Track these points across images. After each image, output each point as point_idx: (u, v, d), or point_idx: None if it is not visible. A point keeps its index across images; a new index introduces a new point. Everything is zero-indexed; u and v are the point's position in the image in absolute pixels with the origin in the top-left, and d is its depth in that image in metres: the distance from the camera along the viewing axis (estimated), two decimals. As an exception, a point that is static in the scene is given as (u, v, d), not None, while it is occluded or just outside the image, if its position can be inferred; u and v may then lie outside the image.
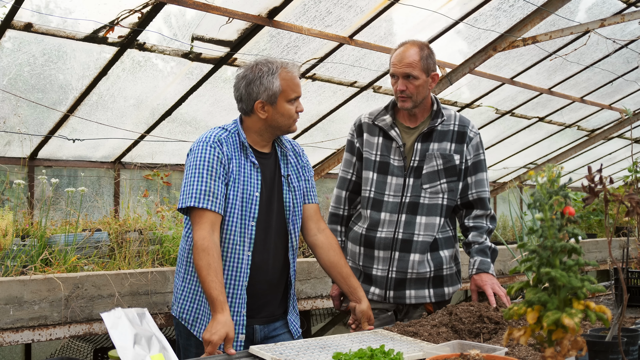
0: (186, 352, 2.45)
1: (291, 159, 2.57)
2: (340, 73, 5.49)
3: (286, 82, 2.38)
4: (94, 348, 4.24)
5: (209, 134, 2.40)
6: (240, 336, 2.36)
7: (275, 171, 2.50)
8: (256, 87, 2.37)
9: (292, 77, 2.40)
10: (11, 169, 4.91)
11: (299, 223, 2.56)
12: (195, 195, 2.28)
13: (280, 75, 2.38)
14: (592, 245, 6.79)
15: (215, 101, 5.29)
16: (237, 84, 2.44)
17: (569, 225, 1.27)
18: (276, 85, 2.36)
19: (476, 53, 5.60)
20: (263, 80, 2.36)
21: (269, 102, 2.38)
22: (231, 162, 2.37)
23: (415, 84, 2.64)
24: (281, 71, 2.38)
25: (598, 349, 1.63)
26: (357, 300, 2.53)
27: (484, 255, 2.67)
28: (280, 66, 2.39)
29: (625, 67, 7.12)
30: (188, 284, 2.44)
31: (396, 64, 2.66)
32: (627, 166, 7.66)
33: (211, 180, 2.31)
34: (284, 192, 2.49)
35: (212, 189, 2.30)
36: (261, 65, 2.39)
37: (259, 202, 2.40)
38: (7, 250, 3.24)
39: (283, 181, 2.50)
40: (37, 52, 4.14)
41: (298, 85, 2.42)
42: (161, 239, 3.94)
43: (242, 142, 2.42)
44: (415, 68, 2.63)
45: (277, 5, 4.29)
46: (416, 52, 2.64)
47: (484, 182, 2.77)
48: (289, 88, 2.38)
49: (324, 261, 2.59)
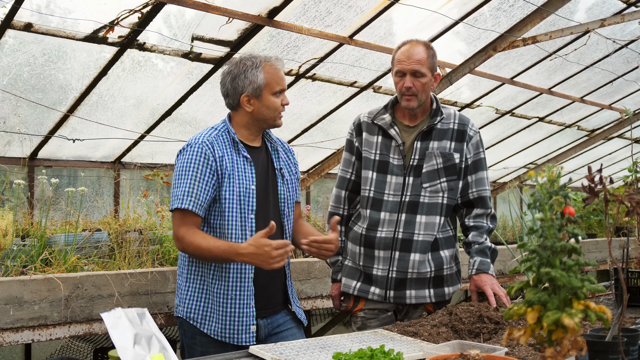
0: (191, 352, 2.46)
1: (282, 154, 2.64)
2: (340, 73, 5.49)
3: (270, 75, 2.44)
4: (94, 348, 4.23)
5: (198, 136, 2.46)
6: (252, 327, 2.40)
7: (268, 164, 2.56)
8: (241, 81, 2.44)
9: (276, 70, 2.46)
10: (11, 169, 4.91)
11: (292, 216, 2.62)
12: (179, 196, 2.35)
13: (264, 69, 2.44)
14: (592, 245, 6.79)
15: (215, 101, 5.29)
16: (223, 79, 2.51)
17: (569, 225, 1.27)
18: (260, 78, 2.42)
19: (476, 53, 5.60)
20: (247, 74, 2.43)
21: (254, 95, 2.44)
22: (223, 160, 2.41)
23: (422, 81, 2.65)
24: (265, 65, 2.45)
25: (598, 349, 1.63)
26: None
27: (484, 256, 2.67)
28: (264, 60, 2.45)
29: (625, 67, 7.12)
30: (192, 283, 2.46)
31: (404, 60, 2.65)
32: (627, 166, 7.66)
33: (196, 182, 2.36)
34: (278, 184, 2.54)
35: (196, 191, 2.36)
36: (245, 60, 2.46)
37: (256, 194, 2.44)
38: (7, 250, 3.24)
39: (277, 174, 2.55)
40: (37, 52, 4.14)
41: (282, 79, 2.48)
42: (161, 239, 3.94)
43: (233, 137, 2.47)
44: (424, 65, 2.64)
45: (277, 5, 4.29)
46: (423, 50, 2.65)
47: (484, 180, 2.77)
48: (273, 81, 2.45)
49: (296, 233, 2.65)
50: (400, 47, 2.70)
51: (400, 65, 2.66)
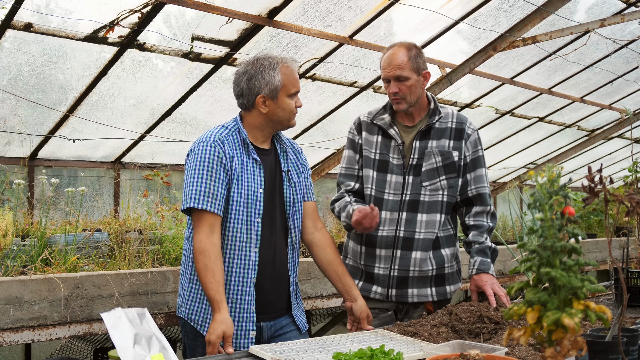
0: (193, 353, 2.45)
1: (291, 155, 2.60)
2: (340, 73, 5.49)
3: (287, 76, 2.42)
4: (94, 348, 4.23)
5: (210, 133, 2.42)
6: (251, 332, 2.38)
7: (276, 167, 2.52)
8: (258, 81, 2.40)
9: (292, 71, 2.44)
10: (11, 169, 4.91)
11: (300, 219, 2.58)
12: (194, 196, 2.30)
13: (281, 70, 2.41)
14: (592, 245, 6.79)
15: (215, 101, 5.29)
16: (238, 79, 2.46)
17: (569, 225, 1.27)
18: (278, 79, 2.39)
19: (476, 53, 5.60)
20: (265, 75, 2.39)
21: (270, 96, 2.41)
22: (233, 160, 2.38)
23: (407, 84, 2.66)
24: (281, 66, 2.42)
25: (598, 349, 1.63)
26: (352, 300, 2.53)
27: (484, 256, 2.67)
28: (280, 61, 2.43)
29: (625, 67, 7.12)
30: (195, 284, 2.44)
31: (386, 67, 2.68)
32: (627, 166, 7.66)
33: (211, 180, 2.32)
34: (284, 187, 2.51)
35: (212, 190, 2.31)
36: (262, 60, 2.42)
37: (263, 198, 2.42)
38: (7, 250, 3.24)
39: (284, 176, 2.52)
40: (37, 52, 4.14)
41: (297, 80, 2.46)
42: (161, 239, 3.94)
43: (244, 139, 2.44)
44: (405, 69, 2.64)
45: (277, 5, 4.29)
46: (404, 53, 2.66)
47: (483, 177, 2.77)
48: (290, 83, 2.42)
49: (320, 259, 2.61)
50: (384, 53, 2.73)
51: (384, 72, 2.70)
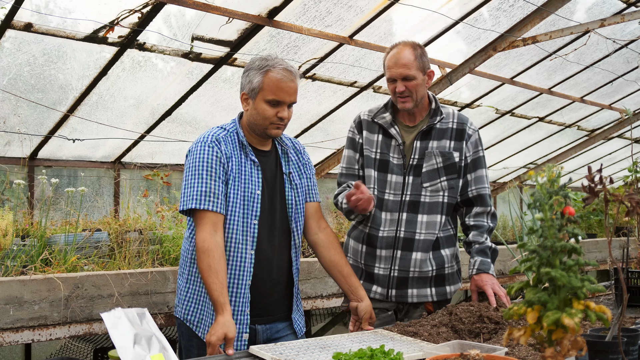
0: (188, 353, 2.44)
1: (292, 156, 2.57)
2: (340, 73, 5.49)
3: (269, 81, 2.34)
4: (94, 348, 4.23)
5: (207, 134, 2.41)
6: (244, 335, 2.36)
7: (277, 169, 2.51)
8: (245, 77, 2.42)
9: (278, 80, 2.35)
10: (11, 169, 4.91)
11: (302, 221, 2.56)
12: (195, 196, 2.29)
13: (267, 74, 2.35)
14: (592, 245, 6.79)
15: (215, 101, 5.29)
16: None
17: (569, 225, 1.27)
18: (257, 81, 2.36)
19: (476, 53, 5.60)
20: (250, 73, 2.40)
21: (250, 95, 2.40)
22: (230, 161, 2.37)
23: (414, 83, 2.65)
24: (269, 70, 2.35)
25: (598, 349, 1.63)
26: (358, 299, 2.53)
27: (484, 256, 2.67)
28: (271, 66, 2.36)
29: (625, 67, 7.12)
30: (192, 285, 2.43)
31: (392, 67, 2.67)
32: (627, 166, 7.66)
33: (211, 180, 2.31)
34: (285, 189, 2.49)
35: (212, 189, 2.31)
36: (259, 60, 2.42)
37: (261, 200, 2.41)
38: (7, 250, 3.24)
39: (285, 179, 2.50)
40: (37, 52, 4.14)
41: (281, 90, 2.34)
42: (161, 239, 3.94)
43: (241, 140, 2.43)
44: (412, 68, 2.64)
45: (277, 5, 4.29)
46: (410, 52, 2.65)
47: (483, 178, 2.77)
48: (269, 88, 2.35)
49: (325, 260, 2.59)
50: (388, 52, 2.72)
51: (390, 71, 2.68)
